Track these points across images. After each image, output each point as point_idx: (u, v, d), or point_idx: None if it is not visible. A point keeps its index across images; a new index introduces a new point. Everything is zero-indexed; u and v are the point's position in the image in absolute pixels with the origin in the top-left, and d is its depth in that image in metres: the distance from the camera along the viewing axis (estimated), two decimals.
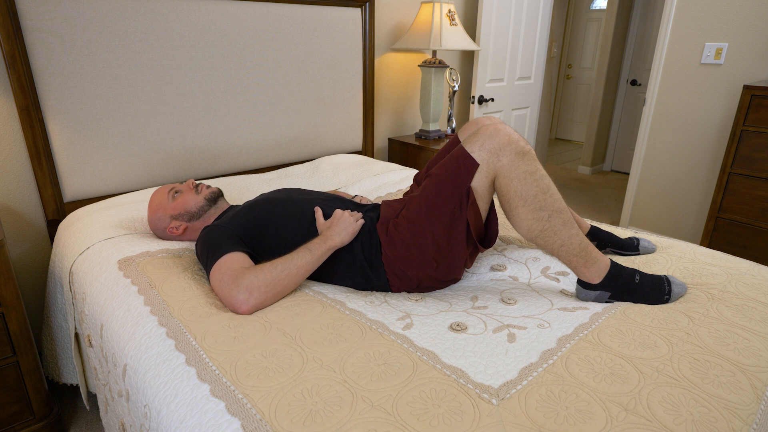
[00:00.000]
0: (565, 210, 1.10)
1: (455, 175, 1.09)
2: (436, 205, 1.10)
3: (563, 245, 1.10)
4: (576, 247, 1.10)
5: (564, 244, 1.10)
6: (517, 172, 1.06)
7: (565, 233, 1.09)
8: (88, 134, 1.62)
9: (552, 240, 1.10)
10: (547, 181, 1.09)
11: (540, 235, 1.10)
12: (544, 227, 1.09)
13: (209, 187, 1.39)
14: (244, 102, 1.97)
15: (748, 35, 2.43)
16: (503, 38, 2.85)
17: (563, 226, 1.09)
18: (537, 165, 1.08)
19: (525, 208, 1.08)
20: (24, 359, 1.33)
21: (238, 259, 1.09)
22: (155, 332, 0.96)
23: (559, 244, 1.10)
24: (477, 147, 1.07)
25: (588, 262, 1.10)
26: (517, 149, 1.05)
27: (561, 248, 1.10)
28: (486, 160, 1.07)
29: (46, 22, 1.46)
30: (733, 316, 1.01)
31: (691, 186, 2.80)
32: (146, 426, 0.85)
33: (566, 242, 1.09)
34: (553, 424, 0.72)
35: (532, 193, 1.07)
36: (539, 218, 1.08)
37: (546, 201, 1.07)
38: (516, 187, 1.07)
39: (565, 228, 1.09)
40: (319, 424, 0.72)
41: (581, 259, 1.10)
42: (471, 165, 1.07)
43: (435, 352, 0.89)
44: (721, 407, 0.76)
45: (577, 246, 1.10)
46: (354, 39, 2.28)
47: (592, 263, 1.10)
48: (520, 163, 1.06)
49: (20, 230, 1.63)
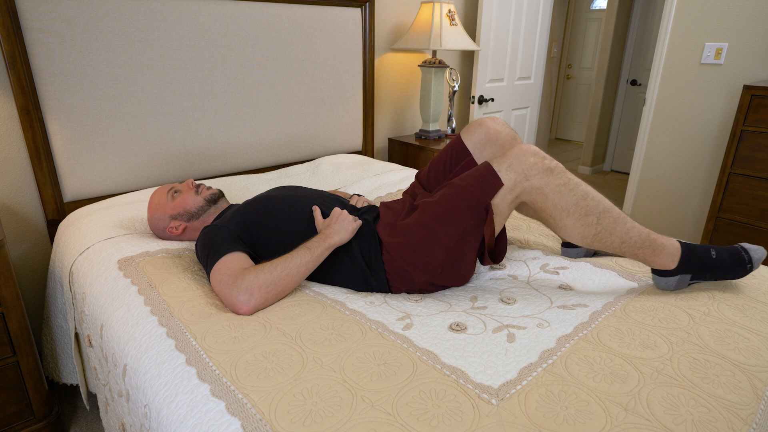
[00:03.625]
0: (613, 208, 1.09)
1: (478, 189, 1.09)
2: (453, 215, 1.10)
3: (624, 241, 1.08)
4: (638, 240, 1.08)
5: (624, 240, 1.08)
6: (550, 188, 1.07)
7: (621, 229, 1.08)
8: (88, 134, 1.62)
9: (610, 240, 1.09)
10: (584, 186, 1.08)
11: (596, 239, 1.09)
12: (597, 230, 1.08)
13: (209, 188, 1.39)
14: (244, 102, 1.97)
15: (748, 35, 2.43)
16: (503, 38, 2.85)
17: (616, 223, 1.08)
18: (568, 175, 1.08)
19: (570, 218, 1.08)
20: (24, 359, 1.33)
21: (238, 259, 1.09)
22: (155, 332, 0.96)
23: (620, 242, 1.09)
24: (504, 167, 1.08)
25: (656, 250, 1.08)
26: (543, 168, 1.07)
27: (622, 245, 1.09)
28: (513, 180, 1.08)
29: (46, 22, 1.46)
30: (734, 315, 1.01)
31: (691, 186, 2.80)
32: (146, 426, 0.85)
33: (625, 238, 1.08)
34: (553, 424, 0.72)
35: (573, 202, 1.07)
36: (588, 223, 1.08)
37: (589, 205, 1.07)
38: (554, 201, 1.07)
39: (619, 224, 1.08)
40: (319, 424, 0.72)
41: (647, 249, 1.08)
42: (496, 183, 1.08)
43: (435, 353, 0.89)
44: (720, 407, 0.76)
45: (637, 238, 1.08)
46: (354, 39, 2.28)
47: (660, 250, 1.08)
48: (550, 179, 1.07)
49: (20, 230, 1.63)
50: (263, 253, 1.19)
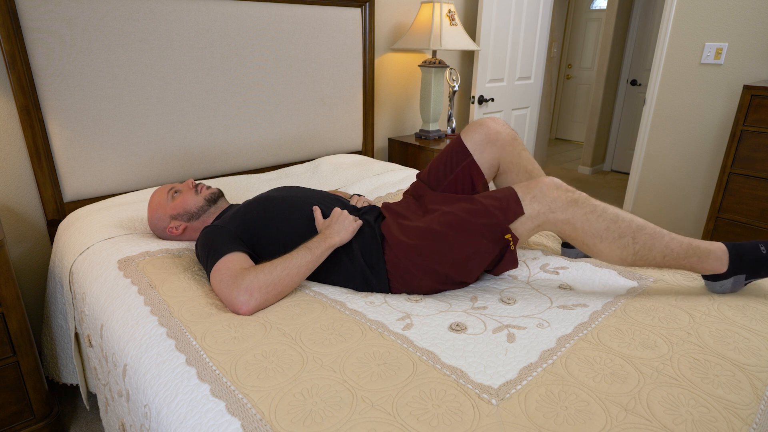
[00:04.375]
0: (647, 224, 1.08)
1: (499, 211, 1.10)
2: (469, 229, 1.10)
3: (665, 255, 1.07)
4: (680, 250, 1.06)
5: (666, 254, 1.07)
6: (577, 217, 1.07)
7: (660, 243, 1.06)
8: (88, 134, 1.62)
9: (651, 256, 1.07)
10: (612, 209, 1.08)
11: (636, 258, 1.08)
12: (635, 250, 1.07)
13: (209, 187, 1.39)
14: (244, 102, 1.97)
15: (748, 35, 2.43)
16: (503, 38, 2.85)
17: (653, 239, 1.06)
18: (594, 203, 1.08)
19: (604, 243, 1.08)
20: (24, 359, 1.33)
21: (238, 259, 1.09)
22: (155, 332, 0.96)
23: (661, 256, 1.07)
24: (529, 198, 1.10)
25: (701, 257, 1.06)
26: (567, 200, 1.08)
27: (665, 258, 1.07)
28: (537, 211, 1.09)
29: (46, 22, 1.46)
30: (734, 315, 1.01)
31: (691, 186, 2.80)
32: (146, 426, 0.85)
33: (666, 251, 1.06)
34: (553, 424, 0.72)
35: (603, 227, 1.07)
36: (625, 245, 1.07)
37: (621, 227, 1.06)
38: (584, 229, 1.08)
39: (657, 239, 1.06)
40: (319, 424, 0.72)
41: (693, 257, 1.06)
42: (518, 210, 1.09)
43: (435, 353, 0.89)
44: (720, 407, 0.76)
45: (679, 249, 1.06)
46: (354, 39, 2.28)
47: (706, 255, 1.06)
48: (576, 210, 1.07)
49: (20, 230, 1.63)
50: (263, 253, 1.19)
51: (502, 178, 1.34)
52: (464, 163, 1.29)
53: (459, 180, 1.29)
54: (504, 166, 1.31)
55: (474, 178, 1.29)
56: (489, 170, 1.31)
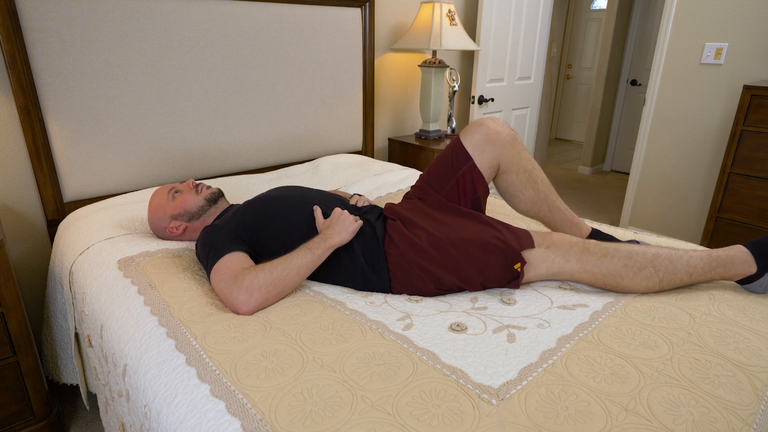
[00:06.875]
0: (660, 250, 1.09)
1: (513, 239, 1.13)
2: (485, 249, 1.12)
3: (691, 274, 1.07)
4: (702, 265, 1.07)
5: (691, 273, 1.07)
6: (591, 264, 1.10)
7: (681, 265, 1.07)
8: (88, 134, 1.62)
9: (678, 279, 1.08)
10: (624, 247, 1.09)
11: (663, 284, 1.09)
12: (660, 278, 1.08)
13: (209, 187, 1.39)
14: (244, 102, 1.97)
15: (748, 35, 2.43)
16: (503, 38, 2.85)
17: (672, 262, 1.07)
18: (604, 246, 1.10)
19: (626, 279, 1.09)
20: (24, 359, 1.33)
21: (238, 259, 1.09)
22: (155, 332, 0.96)
23: (687, 275, 1.07)
24: (545, 244, 1.14)
25: (726, 265, 1.07)
26: (581, 250, 1.11)
27: (692, 277, 1.08)
28: (552, 259, 1.13)
29: (46, 22, 1.46)
30: (735, 315, 1.01)
31: (691, 186, 2.80)
32: (146, 426, 0.85)
33: (690, 270, 1.07)
34: (553, 424, 0.72)
35: (621, 265, 1.08)
36: (647, 276, 1.08)
37: (638, 261, 1.07)
38: (602, 272, 1.09)
39: (676, 261, 1.07)
40: (319, 424, 0.72)
41: (719, 268, 1.07)
42: (531, 245, 1.14)
43: (435, 353, 0.89)
44: (721, 407, 0.76)
45: (701, 264, 1.07)
46: (354, 39, 2.28)
47: (730, 263, 1.07)
48: (588, 257, 1.10)
49: (20, 230, 1.63)
50: (263, 253, 1.19)
51: (502, 179, 1.34)
52: (465, 167, 1.29)
53: (460, 184, 1.29)
54: (504, 167, 1.31)
55: (475, 180, 1.29)
56: (489, 171, 1.30)
